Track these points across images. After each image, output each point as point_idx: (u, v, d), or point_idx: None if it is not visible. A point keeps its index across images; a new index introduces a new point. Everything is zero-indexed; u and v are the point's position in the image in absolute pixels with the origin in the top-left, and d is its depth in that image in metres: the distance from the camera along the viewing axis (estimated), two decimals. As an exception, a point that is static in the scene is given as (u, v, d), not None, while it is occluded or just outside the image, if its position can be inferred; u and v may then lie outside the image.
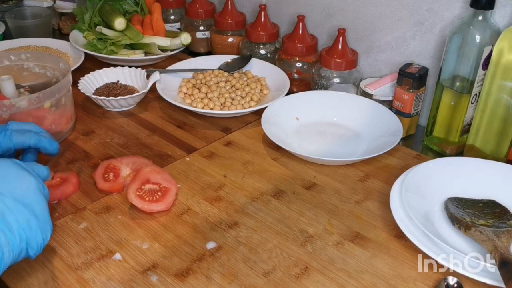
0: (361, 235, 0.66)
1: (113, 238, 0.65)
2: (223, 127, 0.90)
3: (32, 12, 1.27)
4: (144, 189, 0.70)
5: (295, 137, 0.87)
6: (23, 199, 0.54)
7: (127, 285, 0.58)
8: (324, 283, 0.59)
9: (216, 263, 0.61)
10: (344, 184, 0.76)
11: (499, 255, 0.57)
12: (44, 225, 0.55)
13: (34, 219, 0.54)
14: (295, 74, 1.02)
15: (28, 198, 0.55)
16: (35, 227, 0.54)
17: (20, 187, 0.55)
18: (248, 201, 0.72)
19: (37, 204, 0.55)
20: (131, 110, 0.95)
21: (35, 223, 0.54)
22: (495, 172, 0.73)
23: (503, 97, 0.74)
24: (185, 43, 1.13)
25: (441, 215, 0.68)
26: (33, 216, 0.54)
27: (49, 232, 0.56)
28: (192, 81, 0.99)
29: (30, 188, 0.56)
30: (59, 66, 0.90)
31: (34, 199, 0.55)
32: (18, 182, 0.55)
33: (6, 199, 0.52)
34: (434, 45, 0.89)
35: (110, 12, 1.11)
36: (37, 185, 0.57)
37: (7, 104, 0.75)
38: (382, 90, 0.90)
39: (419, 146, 0.88)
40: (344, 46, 0.93)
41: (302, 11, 1.06)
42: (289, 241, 0.65)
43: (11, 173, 0.56)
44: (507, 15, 0.78)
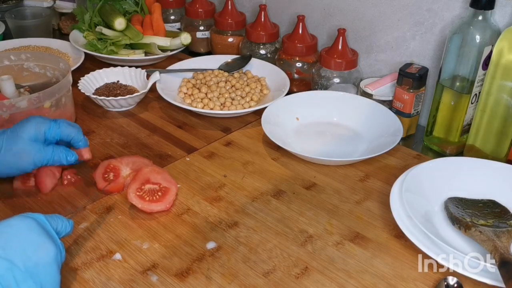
0: (361, 235, 0.66)
1: (113, 238, 0.65)
2: (223, 127, 0.90)
3: (32, 12, 1.27)
4: (144, 189, 0.70)
5: (295, 137, 0.87)
6: (35, 271, 0.49)
7: (127, 285, 0.58)
8: (324, 283, 0.59)
9: (216, 263, 0.61)
10: (344, 184, 0.76)
11: (499, 255, 0.57)
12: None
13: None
14: (295, 74, 1.02)
15: (40, 270, 0.50)
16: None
17: (36, 256, 0.50)
18: (248, 201, 0.72)
19: (49, 279, 0.51)
20: (131, 110, 0.95)
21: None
22: (495, 172, 0.73)
23: (503, 97, 0.74)
24: (185, 43, 1.13)
25: (441, 215, 0.68)
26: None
27: None
28: (192, 81, 0.99)
29: (47, 259, 0.51)
30: (59, 66, 0.90)
31: (47, 272, 0.51)
32: (35, 250, 0.51)
33: (16, 270, 0.48)
34: (434, 45, 0.89)
35: (110, 12, 1.11)
36: (54, 256, 0.52)
37: (7, 104, 0.75)
38: (382, 90, 0.90)
39: (419, 146, 0.88)
40: (344, 46, 0.93)
41: (302, 11, 1.06)
42: (289, 241, 0.65)
43: (31, 237, 0.51)
44: (507, 15, 0.78)
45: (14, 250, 0.49)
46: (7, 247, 0.49)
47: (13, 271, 0.48)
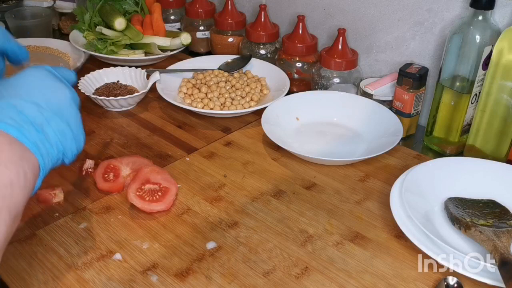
0: (361, 235, 0.66)
1: (113, 238, 0.65)
2: (223, 127, 0.90)
3: (32, 12, 1.27)
4: (144, 189, 0.70)
5: (295, 137, 0.87)
6: (59, 111, 0.55)
7: (127, 285, 0.58)
8: (324, 283, 0.59)
9: (216, 263, 0.61)
10: (344, 184, 0.76)
11: (499, 255, 0.57)
12: (78, 136, 0.57)
13: (69, 131, 0.55)
14: (295, 74, 1.02)
15: (63, 110, 0.55)
16: (70, 138, 0.55)
17: (57, 98, 0.55)
18: (248, 201, 0.72)
19: (72, 117, 0.56)
20: (131, 110, 0.95)
21: (70, 135, 0.55)
22: (495, 172, 0.73)
23: (503, 97, 0.74)
24: (185, 43, 1.13)
25: (441, 215, 0.68)
26: (68, 128, 0.55)
27: (82, 142, 0.58)
28: (192, 81, 0.99)
29: (66, 100, 0.56)
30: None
31: (69, 111, 0.56)
32: (54, 93, 0.56)
33: (45, 111, 0.53)
34: (434, 45, 0.89)
35: (110, 12, 1.11)
36: (71, 97, 0.57)
37: (7, 104, 0.75)
38: (382, 90, 0.90)
39: (419, 146, 0.88)
40: (344, 46, 0.93)
41: (302, 11, 1.06)
42: (289, 241, 0.65)
43: (47, 83, 0.56)
44: (507, 15, 0.78)
45: (36, 94, 0.53)
46: (29, 92, 0.53)
47: (41, 112, 0.52)
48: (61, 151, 0.55)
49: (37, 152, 0.50)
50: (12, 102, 0.51)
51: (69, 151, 0.56)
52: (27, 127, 0.50)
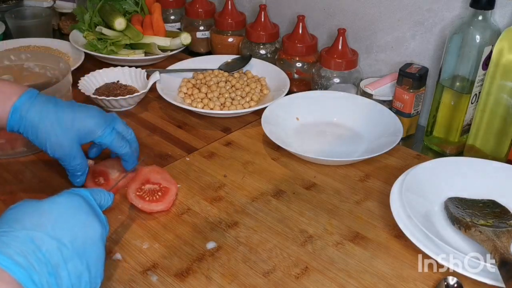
0: (361, 235, 0.66)
1: (113, 238, 0.65)
2: (223, 127, 0.90)
3: (32, 12, 1.27)
4: (144, 189, 0.70)
5: (295, 137, 0.87)
6: (82, 251, 0.49)
7: (127, 285, 0.58)
8: (324, 283, 0.59)
9: (216, 263, 0.61)
10: (344, 184, 0.76)
11: (499, 255, 0.57)
12: (95, 280, 0.51)
13: (87, 273, 0.49)
14: (295, 74, 1.02)
15: (87, 249, 0.50)
16: (85, 283, 0.49)
17: (83, 236, 0.50)
18: (248, 201, 0.72)
19: (94, 256, 0.51)
20: (131, 110, 0.95)
21: (86, 279, 0.49)
22: (495, 172, 0.73)
23: (503, 97, 0.74)
24: (185, 43, 1.13)
25: (441, 215, 0.68)
26: (86, 271, 0.49)
27: (98, 286, 0.52)
28: (192, 81, 0.99)
29: (94, 238, 0.51)
30: (59, 66, 0.90)
31: (93, 250, 0.51)
32: (82, 229, 0.51)
33: (64, 249, 0.48)
34: (434, 45, 0.89)
35: (110, 12, 1.11)
36: (100, 234, 0.52)
37: (7, 104, 0.75)
38: (382, 90, 0.90)
39: (419, 146, 0.88)
40: (344, 46, 0.93)
41: (302, 11, 1.06)
42: (289, 241, 0.65)
43: (78, 218, 0.51)
44: (507, 15, 0.78)
45: (62, 229, 0.49)
46: (56, 226, 0.48)
47: (61, 250, 0.47)
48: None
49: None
50: (32, 235, 0.46)
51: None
52: (39, 268, 0.45)
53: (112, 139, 0.70)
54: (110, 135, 0.70)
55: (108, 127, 0.69)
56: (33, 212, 0.49)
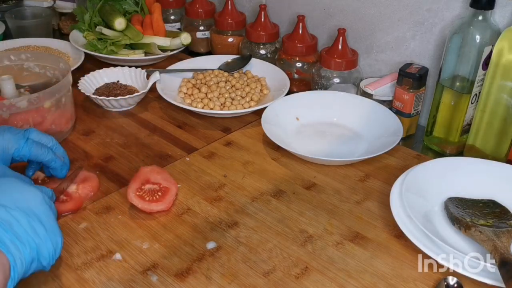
0: (361, 235, 0.66)
1: (113, 238, 0.65)
2: (223, 127, 0.90)
3: (32, 12, 1.27)
4: (144, 189, 0.70)
5: (295, 137, 0.87)
6: (28, 210, 0.54)
7: (127, 285, 0.58)
8: (324, 283, 0.59)
9: (216, 263, 0.61)
10: (344, 184, 0.76)
11: (499, 255, 0.57)
12: (53, 234, 0.55)
13: (41, 228, 0.54)
14: (295, 74, 1.02)
15: (33, 209, 0.55)
16: (43, 236, 0.54)
17: (25, 199, 0.55)
18: (248, 201, 0.72)
19: (43, 215, 0.55)
20: (131, 110, 0.95)
21: (43, 232, 0.54)
22: (495, 172, 0.73)
23: (503, 97, 0.74)
24: (185, 43, 1.13)
25: (441, 215, 0.68)
26: (40, 225, 0.54)
27: (59, 242, 0.56)
28: (192, 81, 0.99)
29: (36, 200, 0.56)
30: (59, 66, 0.90)
31: (40, 209, 0.56)
32: (22, 194, 0.56)
33: (12, 211, 0.53)
34: (434, 45, 0.89)
35: (110, 12, 1.11)
36: (42, 197, 0.57)
37: (7, 104, 0.75)
38: (382, 90, 0.90)
39: (419, 146, 0.88)
40: (344, 46, 0.93)
41: (302, 11, 1.06)
42: (289, 241, 0.65)
43: (15, 187, 0.57)
44: (507, 15, 0.78)
45: (4, 198, 0.54)
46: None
47: (9, 212, 0.53)
48: (35, 250, 0.53)
49: (6, 250, 0.50)
50: None
51: (44, 249, 0.54)
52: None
53: (30, 149, 0.69)
54: (26, 145, 0.69)
55: (22, 139, 0.69)
56: None
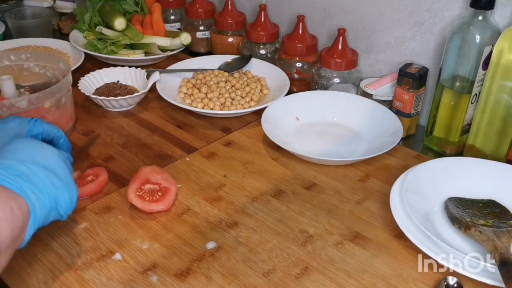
0: (361, 235, 0.66)
1: (113, 238, 0.65)
2: (223, 127, 0.90)
3: (32, 12, 1.27)
4: (144, 189, 0.70)
5: (295, 137, 0.87)
6: (45, 164, 0.58)
7: (127, 285, 0.58)
8: (324, 283, 0.59)
9: (216, 263, 0.61)
10: (344, 184, 0.76)
11: (499, 255, 0.57)
12: (69, 186, 0.59)
13: (58, 180, 0.57)
14: (295, 74, 1.02)
15: (50, 163, 0.58)
16: (60, 187, 0.57)
17: (42, 154, 0.59)
18: (248, 201, 0.72)
19: (59, 169, 0.59)
20: (131, 110, 0.95)
21: (59, 184, 0.57)
22: (495, 172, 0.73)
23: (503, 97, 0.74)
24: (185, 43, 1.13)
25: (441, 215, 0.68)
26: (56, 178, 0.57)
27: (75, 193, 0.59)
28: (192, 81, 0.99)
29: (52, 155, 0.60)
30: (59, 66, 0.90)
31: (56, 163, 0.59)
32: (39, 151, 0.59)
33: (29, 164, 0.56)
34: (434, 45, 0.89)
35: (110, 12, 1.11)
36: (58, 153, 0.61)
37: (7, 104, 0.75)
38: (382, 90, 0.90)
39: (419, 146, 0.88)
40: (344, 46, 0.93)
41: (302, 11, 1.06)
42: (289, 241, 0.65)
43: (32, 145, 0.60)
44: (507, 15, 0.78)
45: (21, 154, 0.57)
46: (15, 154, 0.57)
47: (26, 165, 0.56)
48: (53, 198, 0.56)
49: (25, 196, 0.53)
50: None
51: (62, 199, 0.57)
52: (14, 178, 0.53)
53: (41, 126, 0.70)
54: (37, 123, 0.70)
55: (31, 121, 0.70)
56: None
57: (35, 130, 0.70)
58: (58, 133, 0.72)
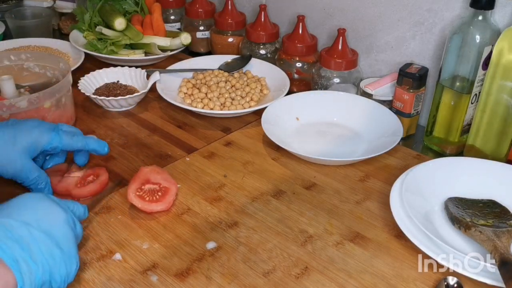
0: (361, 235, 0.66)
1: (113, 238, 0.65)
2: (223, 127, 0.90)
3: (32, 12, 1.27)
4: (144, 189, 0.70)
5: (295, 137, 0.87)
6: (49, 231, 0.54)
7: (127, 285, 0.58)
8: (324, 283, 0.59)
9: (216, 263, 0.61)
10: (344, 184, 0.76)
11: (499, 255, 0.57)
12: (69, 259, 0.55)
13: (58, 251, 0.54)
14: (295, 74, 1.02)
15: (54, 230, 0.55)
16: (59, 259, 0.53)
17: (48, 218, 0.55)
18: (248, 201, 0.72)
19: (63, 237, 0.55)
20: (131, 110, 0.95)
21: (59, 255, 0.54)
22: (495, 172, 0.73)
23: (503, 97, 0.74)
24: (185, 43, 1.13)
25: (441, 215, 0.68)
26: (57, 248, 0.54)
27: (74, 266, 0.55)
28: (192, 81, 0.99)
29: (58, 220, 0.56)
30: (59, 66, 0.90)
31: (61, 231, 0.55)
32: (46, 214, 0.56)
33: (32, 229, 0.53)
34: (434, 45, 0.89)
35: (110, 12, 1.11)
36: (65, 219, 0.57)
37: (7, 104, 0.75)
38: (382, 90, 0.90)
39: (419, 146, 0.88)
40: (344, 46, 0.93)
41: (302, 11, 1.06)
42: (289, 241, 0.65)
43: (41, 205, 0.57)
44: (507, 15, 0.78)
45: (27, 214, 0.54)
46: (21, 213, 0.54)
47: (29, 230, 0.52)
48: (48, 272, 0.52)
49: (16, 269, 0.49)
50: (1, 221, 0.52)
51: (57, 273, 0.53)
52: (11, 244, 0.50)
53: (61, 139, 0.70)
54: (58, 136, 0.70)
55: (53, 131, 0.70)
56: (1, 206, 0.55)
57: (54, 143, 0.69)
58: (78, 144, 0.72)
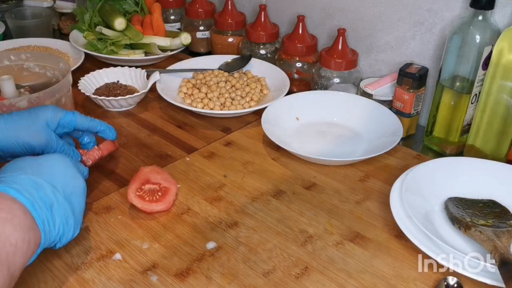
0: (361, 235, 0.66)
1: (113, 238, 0.65)
2: (223, 127, 0.90)
3: (32, 12, 1.27)
4: (144, 189, 0.70)
5: (295, 137, 0.87)
6: (70, 198, 0.59)
7: (127, 285, 0.58)
8: (324, 283, 0.59)
9: (216, 263, 0.61)
10: (344, 184, 0.76)
11: (499, 255, 0.57)
12: (77, 225, 0.60)
13: (72, 218, 0.59)
14: (295, 74, 1.02)
15: (74, 197, 0.60)
16: (70, 226, 0.58)
17: (72, 185, 0.60)
18: (248, 201, 0.72)
19: (79, 206, 0.61)
20: (131, 110, 0.95)
21: (72, 222, 0.58)
22: (495, 172, 0.73)
23: (503, 97, 0.74)
24: (185, 43, 1.13)
25: (441, 215, 0.68)
26: (72, 215, 0.59)
27: (77, 231, 0.60)
28: (192, 81, 0.99)
29: (79, 190, 0.61)
30: (59, 66, 0.90)
31: (78, 200, 0.61)
32: (71, 181, 0.61)
33: (57, 193, 0.57)
34: (434, 45, 0.89)
35: (110, 12, 1.11)
36: (84, 189, 0.62)
37: (7, 104, 0.75)
38: (382, 90, 0.90)
39: (419, 146, 0.88)
40: (344, 46, 0.93)
41: (302, 11, 1.06)
42: (289, 241, 0.65)
43: (68, 172, 0.61)
44: (507, 15, 0.78)
45: (56, 177, 0.59)
46: (52, 175, 0.59)
47: (55, 194, 0.57)
48: (60, 235, 0.57)
49: (42, 228, 0.54)
50: (33, 179, 0.56)
51: (65, 237, 0.58)
52: (40, 204, 0.55)
53: (74, 115, 0.71)
54: (72, 113, 0.71)
55: (69, 111, 0.71)
56: (32, 163, 0.59)
57: (67, 118, 0.71)
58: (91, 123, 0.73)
